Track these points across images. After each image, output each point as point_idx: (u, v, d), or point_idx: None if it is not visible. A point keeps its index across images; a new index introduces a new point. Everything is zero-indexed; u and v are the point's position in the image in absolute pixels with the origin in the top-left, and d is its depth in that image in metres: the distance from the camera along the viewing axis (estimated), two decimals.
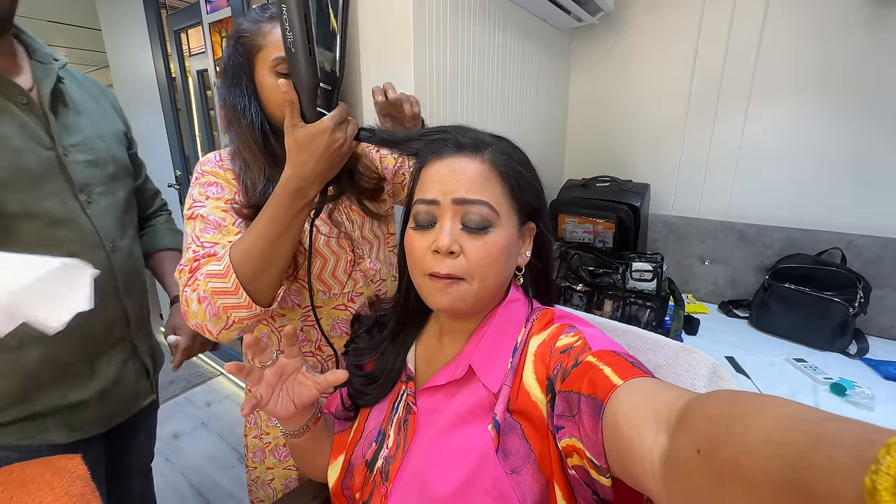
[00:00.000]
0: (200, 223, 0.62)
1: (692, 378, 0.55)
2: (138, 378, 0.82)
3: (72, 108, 0.73)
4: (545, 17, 1.54)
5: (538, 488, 0.43)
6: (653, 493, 0.30)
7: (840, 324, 1.20)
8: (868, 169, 1.31)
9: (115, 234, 0.75)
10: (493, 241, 0.48)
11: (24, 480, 0.50)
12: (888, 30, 1.23)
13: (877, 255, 1.28)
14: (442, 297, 0.49)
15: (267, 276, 0.57)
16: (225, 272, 0.55)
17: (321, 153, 0.53)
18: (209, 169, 0.68)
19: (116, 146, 0.79)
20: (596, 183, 1.67)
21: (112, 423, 0.78)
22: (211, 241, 0.61)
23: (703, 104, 1.55)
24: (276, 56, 0.62)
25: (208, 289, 0.55)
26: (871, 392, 0.98)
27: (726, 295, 1.55)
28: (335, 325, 0.76)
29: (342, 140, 0.54)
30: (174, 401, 2.13)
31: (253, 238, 0.56)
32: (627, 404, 0.34)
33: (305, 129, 0.52)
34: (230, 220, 0.63)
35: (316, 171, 0.54)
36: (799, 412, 0.22)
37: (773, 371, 1.12)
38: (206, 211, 0.63)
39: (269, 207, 0.56)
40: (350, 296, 0.76)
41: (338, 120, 0.53)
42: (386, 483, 0.51)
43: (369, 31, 1.10)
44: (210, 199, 0.64)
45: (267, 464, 0.79)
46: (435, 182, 0.50)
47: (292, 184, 0.54)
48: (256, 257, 0.56)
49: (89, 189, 0.71)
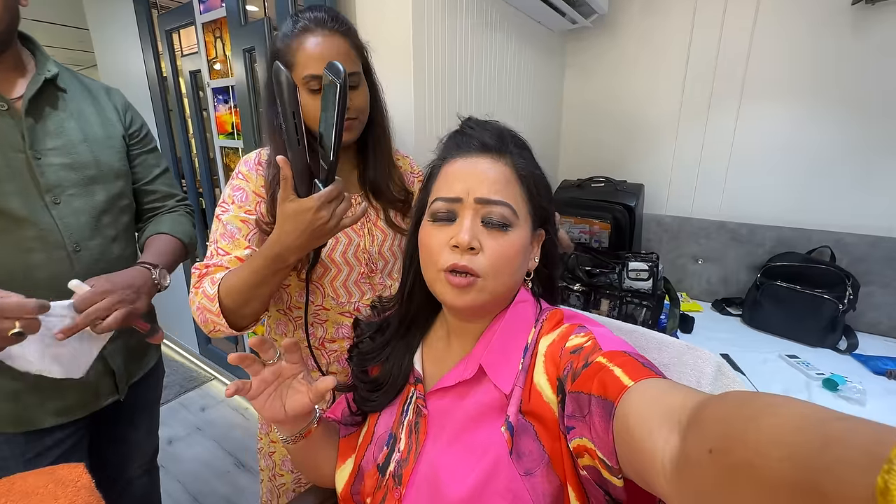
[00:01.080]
0: (220, 227, 0.68)
1: (697, 376, 0.56)
2: (100, 377, 0.82)
3: (62, 114, 0.76)
4: (540, 19, 1.55)
5: (552, 490, 0.43)
6: (664, 495, 0.30)
7: (830, 320, 1.23)
8: (857, 168, 1.34)
9: (84, 234, 0.77)
10: (511, 241, 0.49)
11: (26, 491, 0.49)
12: (874, 29, 1.26)
13: (865, 253, 1.32)
14: (457, 298, 0.48)
15: (246, 310, 0.63)
16: (213, 298, 0.62)
17: (304, 228, 0.56)
18: (244, 171, 0.72)
19: (105, 150, 0.81)
20: (591, 183, 1.68)
21: (71, 417, 0.79)
22: (224, 248, 0.67)
23: (696, 105, 1.58)
24: (306, 74, 0.64)
25: (201, 304, 0.63)
26: (862, 387, 1.00)
27: (719, 293, 1.58)
28: (338, 329, 0.78)
29: (326, 218, 0.56)
30: (168, 406, 2.09)
31: (237, 280, 0.62)
32: (638, 405, 0.34)
33: (294, 204, 0.55)
34: (244, 233, 0.68)
35: (297, 242, 0.57)
36: (811, 412, 0.22)
37: (766, 368, 1.14)
38: (227, 217, 0.68)
39: (253, 261, 0.61)
40: (356, 305, 0.77)
41: (326, 199, 0.55)
42: (399, 487, 0.50)
43: (368, 32, 1.10)
44: (234, 204, 0.69)
45: (272, 437, 0.83)
46: (458, 180, 0.50)
47: (275, 248, 0.58)
48: (238, 296, 0.61)
49: (59, 190, 0.74)
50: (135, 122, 0.90)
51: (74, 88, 0.80)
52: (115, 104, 0.87)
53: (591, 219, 1.55)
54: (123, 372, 0.86)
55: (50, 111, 0.75)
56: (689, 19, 1.54)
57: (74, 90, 0.80)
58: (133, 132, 0.89)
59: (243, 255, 0.66)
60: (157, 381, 1.02)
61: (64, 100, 0.77)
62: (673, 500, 0.29)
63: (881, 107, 1.28)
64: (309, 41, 0.64)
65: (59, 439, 0.79)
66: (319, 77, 0.64)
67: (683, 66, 1.58)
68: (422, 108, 1.08)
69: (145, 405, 0.99)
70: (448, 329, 0.57)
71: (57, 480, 0.51)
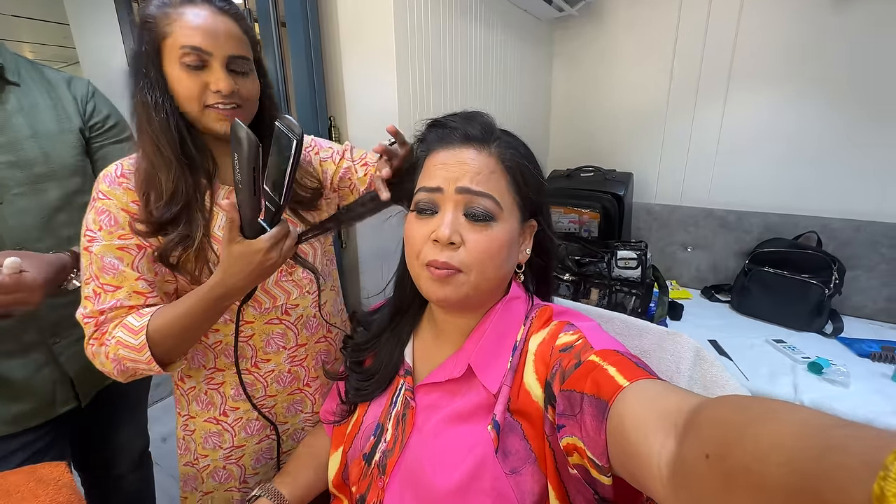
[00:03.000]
0: (97, 262, 0.59)
1: (677, 361, 0.56)
2: (56, 385, 0.79)
3: (6, 107, 0.72)
4: (526, 8, 1.53)
5: (538, 488, 0.43)
6: (660, 497, 0.30)
7: (816, 305, 1.24)
8: (843, 153, 1.35)
9: (31, 236, 0.74)
10: (494, 235, 0.48)
11: (7, 490, 0.49)
12: (857, 13, 1.26)
13: (851, 238, 1.33)
14: (438, 289, 0.48)
15: (179, 350, 0.61)
16: (139, 348, 0.57)
17: (252, 269, 0.53)
18: (105, 188, 0.60)
19: (57, 146, 0.77)
20: (580, 173, 1.68)
21: (29, 425, 0.77)
22: (112, 284, 0.59)
23: (684, 93, 1.57)
24: (185, 45, 0.57)
25: (119, 354, 0.57)
26: (846, 369, 1.02)
27: (708, 280, 1.59)
28: (269, 341, 0.71)
29: (275, 259, 0.54)
30: (163, 403, 2.09)
31: (169, 323, 0.57)
32: (634, 407, 0.33)
33: (242, 246, 0.52)
34: (127, 261, 0.60)
35: (242, 283, 0.54)
36: (810, 418, 0.22)
37: (753, 352, 1.16)
38: (98, 249, 0.59)
39: (188, 302, 0.57)
40: (284, 308, 0.71)
41: (273, 241, 0.53)
42: (383, 477, 0.51)
43: (350, 26, 1.09)
44: (103, 230, 0.59)
45: (204, 489, 0.73)
46: (440, 170, 0.49)
47: (218, 290, 0.55)
48: (172, 339, 0.58)
49: (2, 190, 0.71)
50: (98, 112, 0.84)
51: (30, 81, 0.76)
52: (76, 94, 0.82)
53: (580, 208, 1.55)
54: (84, 378, 0.82)
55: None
56: (675, 6, 1.53)
57: (30, 83, 0.76)
58: (95, 123, 0.83)
59: (140, 288, 0.60)
60: (138, 384, 0.96)
61: (14, 93, 0.73)
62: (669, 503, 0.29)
63: (867, 93, 1.28)
64: (192, 12, 0.58)
65: (25, 442, 0.76)
66: (199, 49, 0.57)
67: (671, 54, 1.57)
68: (406, 105, 1.07)
69: (126, 407, 0.96)
70: (437, 323, 0.57)
71: (38, 479, 0.51)
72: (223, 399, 0.70)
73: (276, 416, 0.74)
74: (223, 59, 0.59)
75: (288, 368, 0.73)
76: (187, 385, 0.70)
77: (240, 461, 0.73)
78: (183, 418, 0.72)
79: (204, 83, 0.58)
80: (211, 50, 0.57)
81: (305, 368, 0.76)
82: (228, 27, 0.60)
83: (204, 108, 0.60)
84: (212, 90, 0.58)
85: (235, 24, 0.61)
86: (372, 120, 1.12)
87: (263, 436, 0.74)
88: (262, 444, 0.74)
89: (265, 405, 0.73)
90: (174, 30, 0.57)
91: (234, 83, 0.60)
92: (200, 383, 0.70)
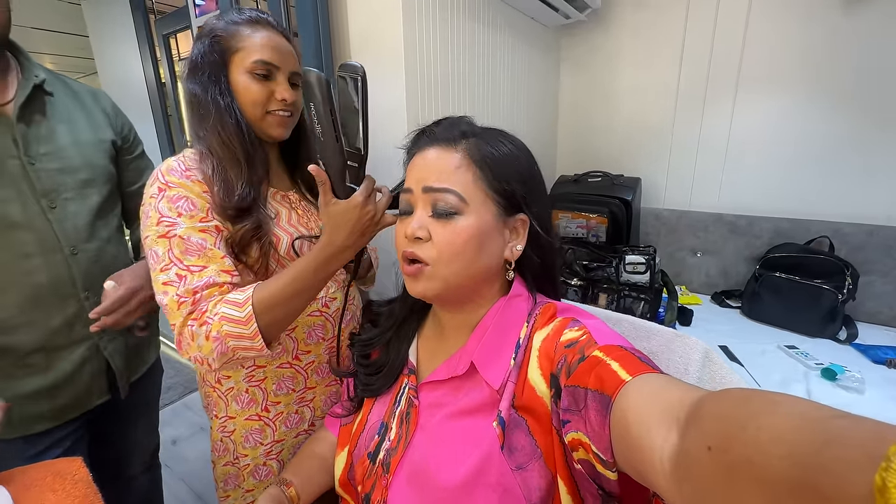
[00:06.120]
0: (179, 244, 0.59)
1: (685, 363, 0.56)
2: (95, 377, 0.83)
3: (51, 119, 0.77)
4: (533, 15, 1.55)
5: (544, 484, 0.43)
6: (663, 491, 0.30)
7: (829, 310, 1.22)
8: (854, 157, 1.33)
9: (81, 237, 0.78)
10: (458, 229, 0.49)
11: (26, 484, 0.50)
12: (866, 12, 1.25)
13: (864, 242, 1.31)
14: (413, 285, 0.51)
15: (285, 322, 0.62)
16: (246, 320, 0.57)
17: (353, 225, 0.57)
18: (175, 180, 0.63)
19: (95, 154, 0.82)
20: (588, 178, 1.68)
21: (64, 419, 0.80)
22: (197, 264, 0.59)
23: (691, 97, 1.57)
24: (257, 59, 0.65)
25: (223, 331, 0.56)
26: (860, 376, 1.00)
27: (718, 286, 1.58)
28: (311, 332, 0.76)
29: (373, 212, 0.58)
30: (172, 407, 2.11)
31: (274, 294, 0.58)
32: (636, 401, 0.34)
33: (338, 206, 0.57)
34: (211, 242, 0.61)
35: (349, 241, 0.58)
36: (811, 410, 0.22)
37: (765, 358, 1.14)
38: (182, 231, 0.60)
39: (296, 268, 0.59)
40: (323, 301, 0.76)
41: (366, 194, 0.57)
42: (387, 475, 0.51)
43: (358, 31, 1.11)
44: (183, 215, 0.61)
45: (245, 486, 0.76)
46: (411, 172, 0.53)
47: (328, 249, 0.59)
48: (280, 308, 0.59)
49: (55, 194, 0.75)
50: (125, 127, 0.91)
51: (60, 93, 0.81)
52: (104, 108, 0.88)
53: (588, 213, 1.55)
54: (125, 370, 0.87)
55: (40, 117, 0.76)
56: (683, 10, 1.54)
57: (60, 95, 0.80)
58: (125, 137, 0.90)
59: (227, 266, 0.61)
60: (155, 380, 1.03)
61: (52, 104, 0.78)
62: (672, 497, 0.29)
63: (877, 96, 1.27)
64: (260, 32, 0.67)
65: (58, 439, 0.80)
66: (270, 63, 0.66)
67: (678, 59, 1.57)
68: (414, 109, 1.09)
69: (143, 403, 1.00)
70: (439, 321, 0.58)
71: (55, 473, 0.52)
72: (265, 395, 0.74)
73: (315, 410, 0.80)
74: (288, 73, 0.68)
75: (326, 359, 0.78)
76: (225, 386, 0.73)
77: (279, 455, 0.77)
78: (220, 420, 0.75)
79: (270, 91, 0.67)
80: (279, 64, 0.67)
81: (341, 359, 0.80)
82: (289, 47, 0.69)
83: (266, 114, 0.68)
84: (277, 98, 0.67)
85: (290, 45, 0.70)
86: (382, 123, 1.14)
87: (301, 430, 0.78)
88: (300, 438, 0.79)
89: (305, 398, 0.78)
90: (246, 45, 0.66)
91: (294, 93, 0.69)
92: (240, 382, 0.73)
